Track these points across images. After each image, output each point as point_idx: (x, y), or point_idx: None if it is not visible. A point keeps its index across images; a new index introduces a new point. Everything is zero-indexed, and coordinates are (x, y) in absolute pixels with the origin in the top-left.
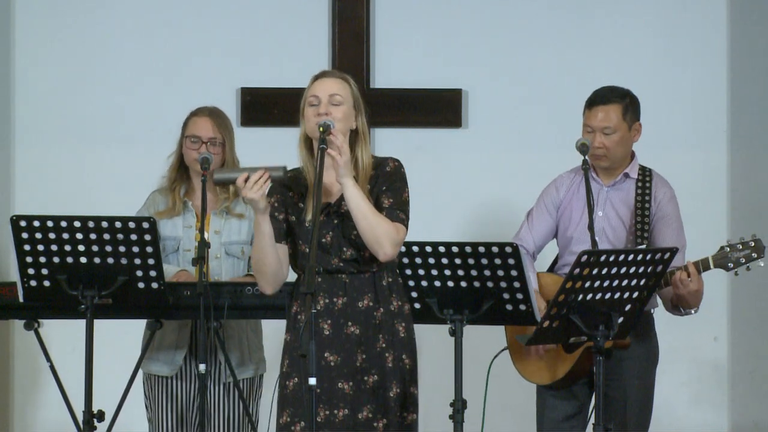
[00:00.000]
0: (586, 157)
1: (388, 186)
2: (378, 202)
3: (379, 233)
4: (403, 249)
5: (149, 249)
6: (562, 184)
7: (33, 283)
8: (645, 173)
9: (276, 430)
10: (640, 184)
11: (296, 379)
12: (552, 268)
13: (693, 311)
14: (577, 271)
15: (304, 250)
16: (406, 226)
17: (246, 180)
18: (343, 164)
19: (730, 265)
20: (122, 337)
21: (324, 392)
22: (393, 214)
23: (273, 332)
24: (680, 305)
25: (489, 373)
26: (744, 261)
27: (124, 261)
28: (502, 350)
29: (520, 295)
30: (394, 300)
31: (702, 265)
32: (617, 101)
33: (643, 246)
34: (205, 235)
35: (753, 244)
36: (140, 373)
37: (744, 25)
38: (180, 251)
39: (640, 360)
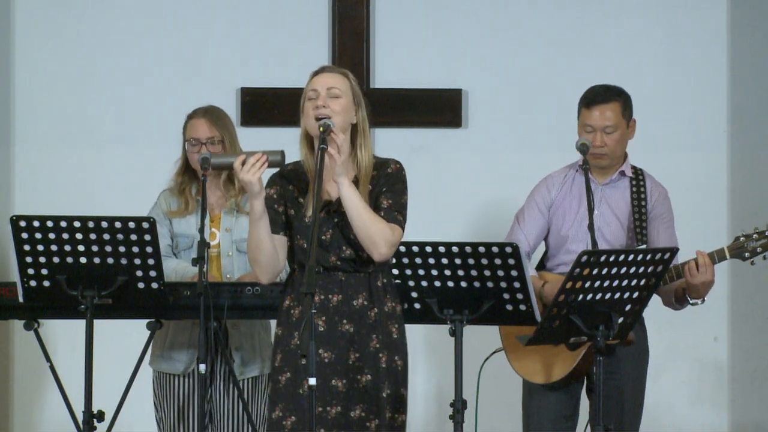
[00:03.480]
0: (586, 157)
1: (388, 187)
2: (377, 203)
3: (373, 232)
4: (403, 249)
5: (149, 249)
6: (553, 184)
7: (33, 283)
8: (638, 172)
9: (267, 424)
10: (634, 182)
11: (288, 374)
12: (539, 267)
13: (700, 302)
14: (577, 271)
15: (302, 245)
16: (403, 228)
17: (243, 163)
18: (340, 163)
19: (747, 254)
20: (122, 337)
21: (318, 389)
22: (390, 215)
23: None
24: (689, 295)
25: (480, 374)
26: (761, 250)
27: (124, 261)
28: (495, 351)
29: (520, 295)
30: (388, 301)
31: (717, 256)
32: (616, 99)
33: (643, 246)
34: (217, 234)
35: None
36: (150, 372)
37: (744, 26)
38: (194, 248)
39: (634, 360)
